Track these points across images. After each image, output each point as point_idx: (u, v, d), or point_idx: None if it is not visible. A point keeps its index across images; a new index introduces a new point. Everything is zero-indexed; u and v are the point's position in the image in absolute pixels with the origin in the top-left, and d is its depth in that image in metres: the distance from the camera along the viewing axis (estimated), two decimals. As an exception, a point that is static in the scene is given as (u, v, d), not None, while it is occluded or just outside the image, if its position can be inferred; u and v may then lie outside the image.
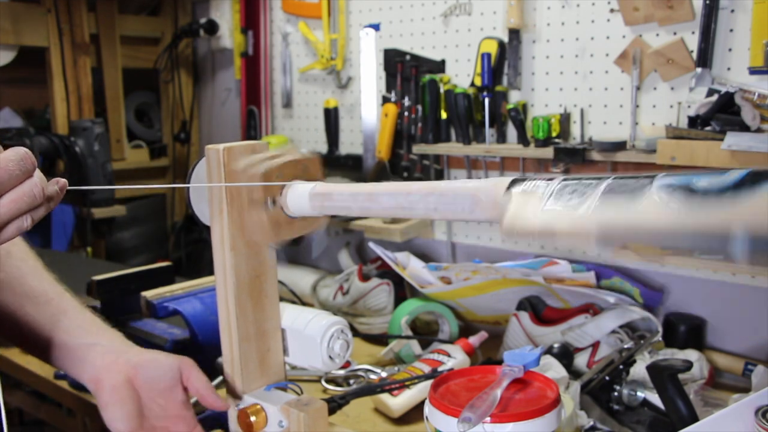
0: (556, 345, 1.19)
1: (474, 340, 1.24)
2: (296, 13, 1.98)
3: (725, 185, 0.45)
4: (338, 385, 1.24)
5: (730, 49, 1.25)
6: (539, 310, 1.33)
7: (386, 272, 1.50)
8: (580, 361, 1.20)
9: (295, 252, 2.01)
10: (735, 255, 0.44)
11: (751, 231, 0.43)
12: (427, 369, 1.15)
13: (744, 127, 1.14)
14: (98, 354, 0.82)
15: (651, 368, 0.97)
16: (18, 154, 0.53)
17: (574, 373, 1.15)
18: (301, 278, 1.77)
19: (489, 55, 1.52)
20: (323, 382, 1.23)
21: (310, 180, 0.80)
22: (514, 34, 1.51)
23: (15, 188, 0.54)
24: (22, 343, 0.86)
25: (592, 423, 1.02)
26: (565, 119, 1.45)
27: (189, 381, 0.82)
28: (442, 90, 1.62)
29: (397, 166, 1.75)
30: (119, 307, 1.33)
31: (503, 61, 1.55)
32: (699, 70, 1.26)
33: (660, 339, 1.18)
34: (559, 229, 0.53)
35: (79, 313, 0.86)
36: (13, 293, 0.83)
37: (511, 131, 1.55)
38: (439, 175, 1.67)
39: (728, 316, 1.32)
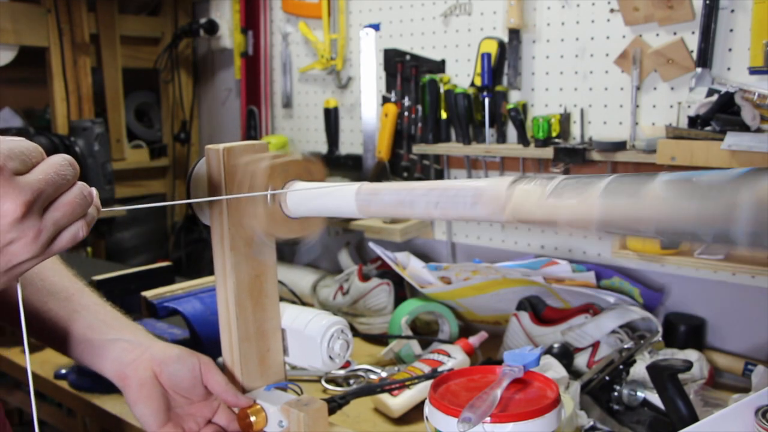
0: (556, 345, 1.19)
1: (474, 340, 1.24)
2: (296, 13, 1.98)
3: (727, 178, 0.46)
4: (338, 385, 1.24)
5: (730, 49, 1.25)
6: (539, 310, 1.33)
7: (386, 272, 1.50)
8: (580, 361, 1.20)
9: (295, 252, 2.01)
10: (737, 239, 0.44)
11: (755, 210, 0.43)
12: (427, 369, 1.15)
13: (744, 127, 1.14)
14: (123, 350, 0.83)
15: (651, 368, 0.97)
16: (66, 158, 0.53)
17: (574, 373, 1.15)
18: (301, 278, 1.77)
19: (489, 55, 1.52)
20: (323, 382, 1.23)
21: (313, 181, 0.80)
22: (514, 34, 1.51)
23: (68, 191, 0.53)
24: (45, 339, 0.86)
25: (592, 423, 1.02)
26: (565, 119, 1.45)
27: (208, 381, 0.83)
28: (442, 90, 1.62)
29: (397, 166, 1.75)
30: (119, 307, 1.33)
31: (503, 61, 1.55)
32: (699, 70, 1.26)
33: (660, 339, 1.18)
34: (561, 216, 0.55)
35: (101, 308, 0.86)
36: (36, 289, 0.83)
37: (511, 131, 1.55)
38: (439, 175, 1.67)
39: (728, 316, 1.32)
